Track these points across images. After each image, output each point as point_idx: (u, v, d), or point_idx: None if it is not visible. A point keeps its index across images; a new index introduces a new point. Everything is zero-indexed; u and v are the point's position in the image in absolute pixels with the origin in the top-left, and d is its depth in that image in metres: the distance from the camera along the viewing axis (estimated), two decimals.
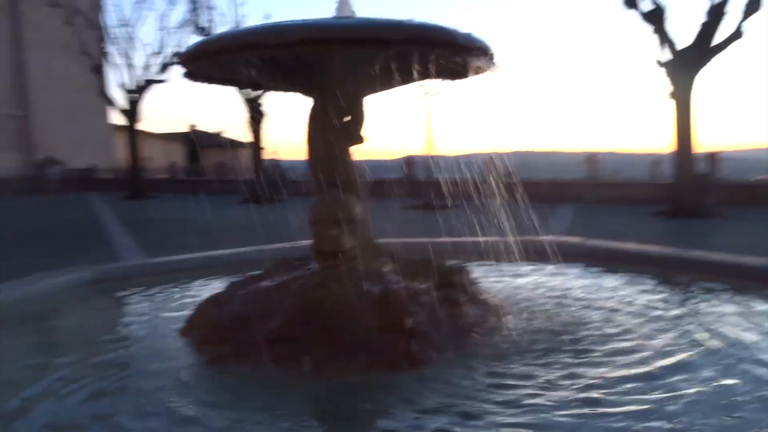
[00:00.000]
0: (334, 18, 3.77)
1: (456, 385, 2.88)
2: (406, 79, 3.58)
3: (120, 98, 25.68)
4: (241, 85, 3.68)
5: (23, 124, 29.29)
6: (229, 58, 3.24)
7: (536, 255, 5.77)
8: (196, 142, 36.11)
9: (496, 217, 4.43)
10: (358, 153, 3.90)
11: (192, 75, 3.57)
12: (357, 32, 3.16)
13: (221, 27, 22.15)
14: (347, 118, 3.80)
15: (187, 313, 3.93)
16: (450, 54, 3.31)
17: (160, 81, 24.95)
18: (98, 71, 26.20)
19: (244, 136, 26.45)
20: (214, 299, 3.70)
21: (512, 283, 5.01)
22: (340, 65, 3.61)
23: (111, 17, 26.39)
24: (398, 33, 3.07)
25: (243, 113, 22.48)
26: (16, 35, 28.94)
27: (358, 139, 3.87)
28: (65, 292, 5.12)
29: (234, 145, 33.96)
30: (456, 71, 3.67)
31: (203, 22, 22.70)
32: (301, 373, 3.01)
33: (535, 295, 4.53)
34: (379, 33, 3.11)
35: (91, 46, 25.60)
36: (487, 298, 3.89)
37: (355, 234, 3.70)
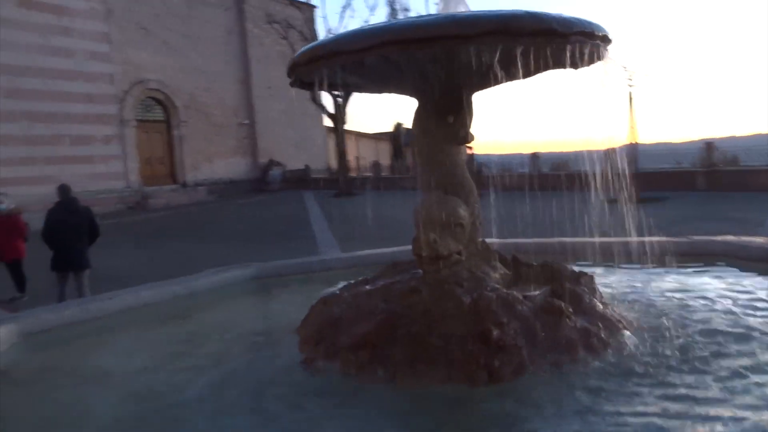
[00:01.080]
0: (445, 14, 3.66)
1: (533, 405, 2.65)
2: (515, 73, 3.37)
3: (329, 103, 27.64)
4: (334, 89, 3.71)
5: (251, 132, 32.83)
6: (323, 65, 3.28)
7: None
8: (401, 139, 37.41)
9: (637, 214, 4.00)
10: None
11: (294, 83, 3.68)
12: (490, 26, 2.86)
13: None
14: (452, 118, 3.68)
15: None
16: (582, 42, 3.05)
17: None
18: None
19: None
20: (323, 300, 3.82)
21: (660, 289, 4.44)
22: (443, 64, 3.49)
23: (320, 28, 28.55)
24: (529, 25, 2.87)
25: None
26: (243, 51, 32.52)
27: (464, 139, 3.72)
28: (229, 286, 5.64)
29: None
30: (574, 61, 3.36)
31: None
32: (379, 380, 2.99)
33: (678, 305, 3.98)
34: (512, 26, 2.90)
35: None
36: (608, 309, 3.50)
37: (459, 238, 3.57)
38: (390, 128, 43.26)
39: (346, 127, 29.63)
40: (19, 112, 23.06)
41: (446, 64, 3.36)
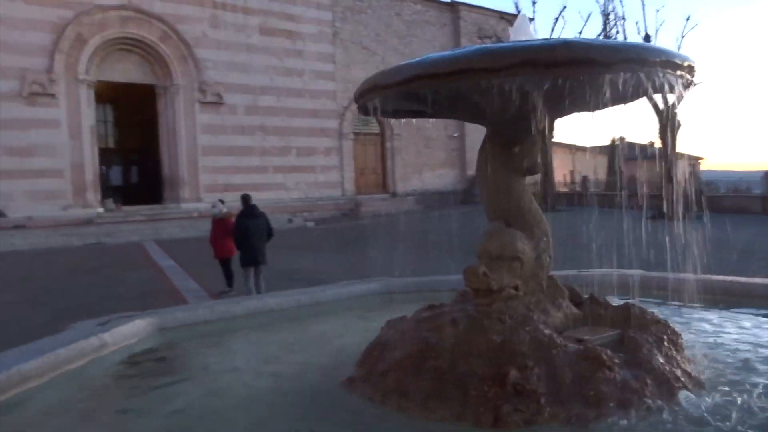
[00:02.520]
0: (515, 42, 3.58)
1: None
2: (586, 104, 3.21)
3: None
4: (406, 115, 3.77)
5: (460, 144, 33.40)
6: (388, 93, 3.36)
7: None
8: (618, 154, 35.19)
9: None
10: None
11: (361, 110, 3.77)
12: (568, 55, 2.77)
13: (632, 37, 21.29)
14: (518, 148, 3.56)
15: None
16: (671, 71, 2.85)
17: None
18: None
19: (679, 145, 24.84)
20: (388, 323, 3.92)
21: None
22: (509, 94, 3.41)
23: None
24: (615, 55, 2.76)
25: (655, 122, 21.18)
26: None
27: (529, 170, 3.58)
28: (354, 299, 5.97)
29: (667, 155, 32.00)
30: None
31: (614, 34, 22.24)
32: (398, 409, 3.03)
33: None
34: (592, 55, 2.80)
35: None
36: (673, 363, 3.11)
37: (515, 272, 3.46)
38: (607, 141, 40.95)
39: (562, 140, 28.80)
40: (256, 126, 26.25)
41: (503, 95, 3.28)
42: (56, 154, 21.83)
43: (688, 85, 3.24)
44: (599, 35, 23.41)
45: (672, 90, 3.33)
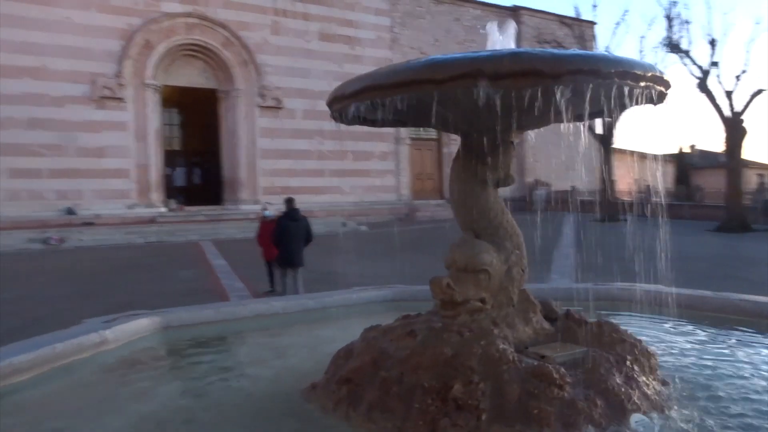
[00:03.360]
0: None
1: None
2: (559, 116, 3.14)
3: (597, 123, 26.36)
4: (379, 124, 3.75)
5: (518, 150, 32.84)
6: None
7: None
8: (686, 162, 33.89)
9: None
10: None
11: (334, 117, 3.76)
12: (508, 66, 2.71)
13: (698, 42, 20.43)
14: (489, 160, 3.52)
15: None
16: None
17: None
18: None
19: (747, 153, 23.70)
20: (365, 331, 3.92)
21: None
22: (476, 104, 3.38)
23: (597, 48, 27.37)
24: (563, 66, 2.69)
25: (719, 130, 20.27)
26: None
27: (499, 183, 3.53)
28: (360, 305, 6.00)
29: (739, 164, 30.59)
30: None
31: (678, 39, 21.41)
32: (346, 418, 3.05)
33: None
34: (538, 66, 2.73)
35: None
36: (631, 384, 3.00)
37: (482, 285, 3.41)
38: (682, 148, 39.47)
39: (626, 147, 27.89)
40: (313, 130, 26.68)
41: (465, 106, 3.25)
42: (123, 155, 22.88)
43: (660, 97, 3.13)
44: (663, 40, 22.58)
45: (655, 101, 3.25)
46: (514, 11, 32.42)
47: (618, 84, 2.82)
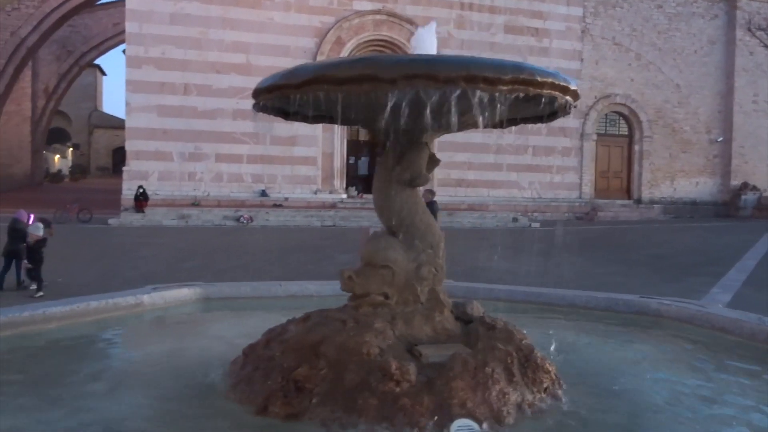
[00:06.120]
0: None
1: None
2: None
3: None
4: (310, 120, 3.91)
5: (725, 150, 29.43)
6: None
7: None
8: None
9: None
10: None
11: (262, 108, 3.90)
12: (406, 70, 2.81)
13: None
14: (404, 159, 3.60)
15: None
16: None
17: None
18: None
19: None
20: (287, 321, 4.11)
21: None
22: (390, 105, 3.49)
23: None
24: (398, 71, 2.84)
25: None
26: (727, 62, 29.27)
27: (414, 182, 3.59)
28: None
29: None
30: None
31: None
32: (232, 397, 3.36)
33: None
34: (373, 72, 2.99)
35: None
36: (477, 390, 2.95)
37: (385, 280, 3.54)
38: None
39: None
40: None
41: (375, 107, 3.39)
42: (312, 144, 24.95)
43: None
44: None
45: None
46: None
47: (462, 89, 2.78)
